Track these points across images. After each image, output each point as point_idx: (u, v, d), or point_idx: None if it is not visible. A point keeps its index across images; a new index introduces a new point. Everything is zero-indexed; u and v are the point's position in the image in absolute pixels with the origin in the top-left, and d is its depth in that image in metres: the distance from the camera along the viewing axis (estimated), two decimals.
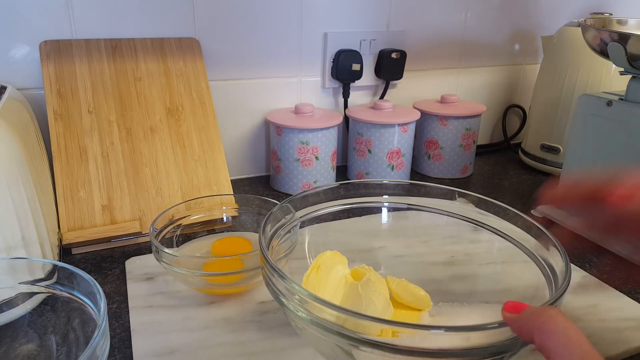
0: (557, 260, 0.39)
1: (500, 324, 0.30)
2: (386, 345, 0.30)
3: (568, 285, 0.35)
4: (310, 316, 0.33)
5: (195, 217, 0.59)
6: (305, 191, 0.49)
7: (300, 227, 0.49)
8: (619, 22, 0.77)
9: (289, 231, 0.47)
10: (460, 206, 0.49)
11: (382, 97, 0.91)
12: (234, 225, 0.62)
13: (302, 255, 0.49)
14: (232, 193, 0.64)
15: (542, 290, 0.40)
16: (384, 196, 0.52)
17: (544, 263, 0.41)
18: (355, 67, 0.84)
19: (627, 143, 0.60)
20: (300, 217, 0.49)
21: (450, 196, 0.50)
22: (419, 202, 0.52)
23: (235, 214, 0.61)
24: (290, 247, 0.47)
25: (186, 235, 0.58)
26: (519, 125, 1.07)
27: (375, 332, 0.31)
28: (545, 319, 0.27)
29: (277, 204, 0.57)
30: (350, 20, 0.84)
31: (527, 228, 0.44)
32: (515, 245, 0.45)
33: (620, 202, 0.35)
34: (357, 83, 0.87)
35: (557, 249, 0.39)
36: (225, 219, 0.61)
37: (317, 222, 0.50)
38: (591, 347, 0.26)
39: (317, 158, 0.76)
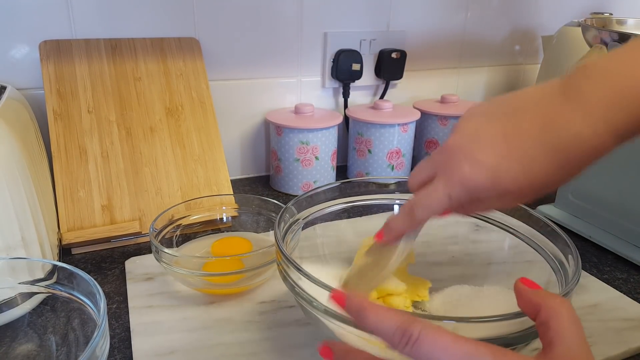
0: (567, 255, 0.39)
1: (511, 316, 0.31)
2: None
3: (579, 278, 0.35)
4: (326, 308, 0.34)
5: (195, 217, 0.59)
6: (316, 189, 0.50)
7: (310, 225, 0.49)
8: (619, 22, 0.77)
9: (297, 228, 0.48)
10: None
11: (382, 97, 0.91)
12: (234, 225, 0.62)
13: (311, 254, 0.50)
14: (232, 193, 0.64)
15: (552, 288, 0.40)
16: (395, 193, 0.53)
17: (554, 259, 0.41)
18: (355, 67, 0.84)
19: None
20: (308, 216, 0.49)
21: None
22: None
23: (235, 214, 0.61)
24: (295, 245, 0.47)
25: (186, 235, 0.58)
26: None
27: None
28: (561, 301, 0.28)
29: (277, 203, 0.57)
30: (350, 20, 0.84)
31: (536, 225, 0.44)
32: (525, 241, 0.45)
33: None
34: (357, 83, 0.87)
35: (568, 245, 0.40)
36: (225, 219, 0.61)
37: (325, 220, 0.51)
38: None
39: (317, 158, 0.76)
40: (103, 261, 0.58)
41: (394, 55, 0.86)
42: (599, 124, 0.30)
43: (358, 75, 0.85)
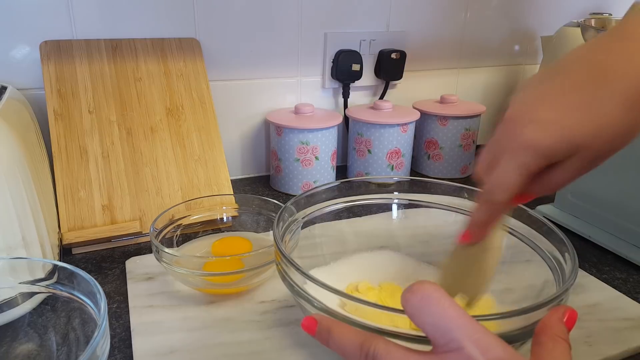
0: (563, 253, 0.40)
1: (507, 315, 0.31)
2: (398, 335, 0.31)
3: (576, 277, 0.36)
4: (326, 308, 0.34)
5: (195, 217, 0.59)
6: (315, 188, 0.50)
7: (309, 225, 0.49)
8: (619, 22, 0.77)
9: (296, 228, 0.48)
10: (467, 202, 0.50)
11: (382, 97, 0.91)
12: (234, 225, 0.62)
13: (310, 253, 0.50)
14: (232, 193, 0.64)
15: (550, 287, 0.40)
16: (395, 193, 0.53)
17: (551, 258, 0.41)
18: (355, 67, 0.84)
19: None
20: (307, 215, 0.49)
21: (458, 193, 0.50)
22: (426, 198, 0.52)
23: (235, 214, 0.61)
24: (294, 244, 0.47)
25: (186, 235, 0.58)
26: None
27: (389, 321, 0.31)
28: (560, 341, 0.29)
29: (277, 203, 0.57)
30: (350, 20, 0.84)
31: (533, 224, 0.45)
32: (523, 241, 0.46)
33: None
34: (357, 83, 0.87)
35: (565, 243, 0.40)
36: (225, 219, 0.62)
37: (325, 220, 0.51)
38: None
39: (317, 158, 0.76)
40: (103, 261, 0.59)
41: (393, 55, 0.86)
42: None
43: (358, 75, 0.85)
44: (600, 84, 0.30)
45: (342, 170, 0.88)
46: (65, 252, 0.60)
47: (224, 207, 0.61)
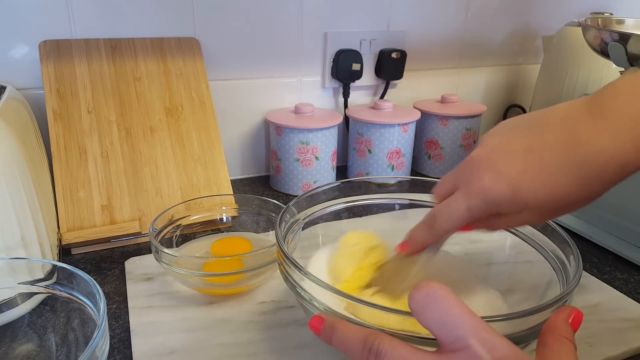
0: (568, 255, 0.39)
1: (515, 316, 0.31)
2: (401, 335, 0.30)
3: (579, 278, 0.35)
4: (329, 310, 0.34)
5: (194, 217, 0.59)
6: (316, 188, 0.50)
7: (310, 225, 0.49)
8: (620, 21, 0.77)
9: (297, 229, 0.47)
10: None
11: (382, 97, 0.91)
12: (234, 225, 0.62)
13: (312, 253, 0.49)
14: (232, 193, 0.64)
15: (554, 288, 0.40)
16: (395, 193, 0.53)
17: (555, 259, 0.41)
18: (355, 67, 0.84)
19: None
20: (308, 216, 0.49)
21: None
22: (427, 198, 0.52)
23: (235, 214, 0.61)
24: (295, 244, 0.47)
25: (186, 235, 0.58)
26: None
27: (393, 322, 0.31)
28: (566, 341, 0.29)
29: (276, 203, 0.57)
30: (350, 20, 0.84)
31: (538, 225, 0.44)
32: (526, 241, 0.46)
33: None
34: (357, 83, 0.87)
35: (569, 244, 0.40)
36: (225, 219, 0.61)
37: (325, 220, 0.51)
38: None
39: (317, 158, 0.76)
40: (103, 261, 0.58)
41: (394, 55, 0.86)
42: (625, 141, 0.30)
43: (358, 75, 0.85)
44: (563, 154, 0.31)
45: (342, 170, 0.88)
46: (64, 252, 0.60)
47: (224, 207, 0.61)
